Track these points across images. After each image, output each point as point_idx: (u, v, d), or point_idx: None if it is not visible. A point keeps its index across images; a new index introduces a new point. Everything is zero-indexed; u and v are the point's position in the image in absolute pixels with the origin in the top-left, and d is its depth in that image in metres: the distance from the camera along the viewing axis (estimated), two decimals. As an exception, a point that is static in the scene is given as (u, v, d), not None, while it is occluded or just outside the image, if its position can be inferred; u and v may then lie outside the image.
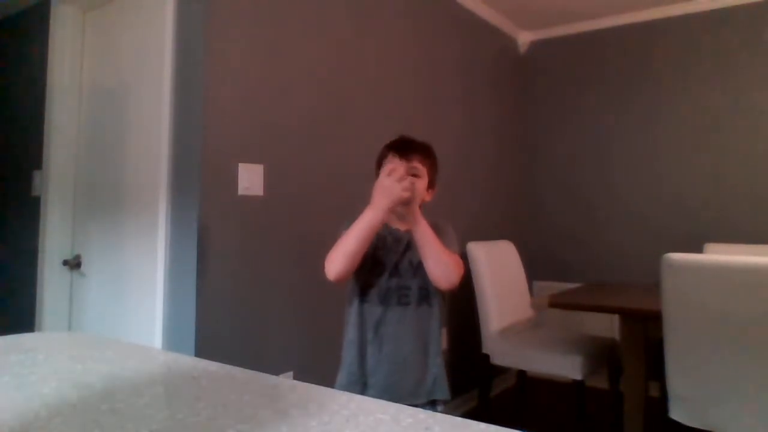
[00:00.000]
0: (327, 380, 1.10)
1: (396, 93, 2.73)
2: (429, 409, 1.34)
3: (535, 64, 3.97)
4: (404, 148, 1.40)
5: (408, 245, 1.39)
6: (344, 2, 2.43)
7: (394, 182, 1.27)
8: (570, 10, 3.56)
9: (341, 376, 1.43)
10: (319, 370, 2.20)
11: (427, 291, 1.38)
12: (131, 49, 2.24)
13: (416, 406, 1.33)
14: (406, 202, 1.29)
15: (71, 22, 2.51)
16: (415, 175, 1.37)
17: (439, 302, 1.42)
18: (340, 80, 2.39)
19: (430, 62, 3.01)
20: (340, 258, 1.31)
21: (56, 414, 0.63)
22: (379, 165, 1.45)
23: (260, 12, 2.05)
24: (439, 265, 1.32)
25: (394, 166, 1.34)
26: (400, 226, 1.43)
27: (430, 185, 1.43)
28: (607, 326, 3.10)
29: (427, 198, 1.42)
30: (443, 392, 1.41)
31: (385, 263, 1.39)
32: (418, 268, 1.36)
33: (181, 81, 1.94)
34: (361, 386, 1.38)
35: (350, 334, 1.43)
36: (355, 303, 1.42)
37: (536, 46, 3.98)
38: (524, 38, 3.97)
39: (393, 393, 1.34)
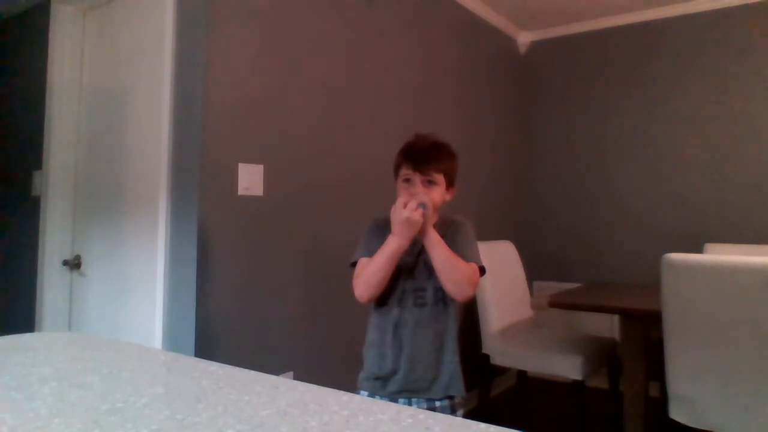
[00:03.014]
0: (327, 380, 1.10)
1: (396, 93, 2.73)
2: (446, 404, 1.40)
3: (535, 64, 3.97)
4: (418, 159, 1.40)
5: (423, 248, 1.41)
6: (344, 3, 2.43)
7: (411, 213, 1.31)
8: (570, 10, 3.55)
9: (362, 375, 1.48)
10: (319, 370, 2.20)
11: (442, 291, 1.40)
12: (131, 50, 2.24)
13: (432, 400, 1.39)
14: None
15: (71, 22, 2.50)
16: (431, 182, 1.40)
17: (455, 301, 1.45)
18: (340, 81, 2.39)
19: (431, 62, 3.01)
20: (372, 287, 1.39)
21: (56, 414, 0.64)
22: (397, 171, 1.47)
23: (260, 12, 2.05)
24: (452, 282, 1.35)
25: (407, 199, 1.34)
26: None
27: (450, 185, 1.46)
28: (607, 326, 3.10)
29: (447, 198, 1.46)
30: (458, 389, 1.44)
31: (400, 266, 1.41)
32: (433, 270, 1.38)
33: (181, 81, 1.94)
34: (382, 383, 1.43)
35: (371, 335, 1.48)
36: (375, 305, 1.47)
37: (536, 46, 3.97)
38: (524, 38, 3.97)
39: (411, 389, 1.40)
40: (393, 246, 1.35)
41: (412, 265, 1.43)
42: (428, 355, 1.41)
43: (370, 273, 1.39)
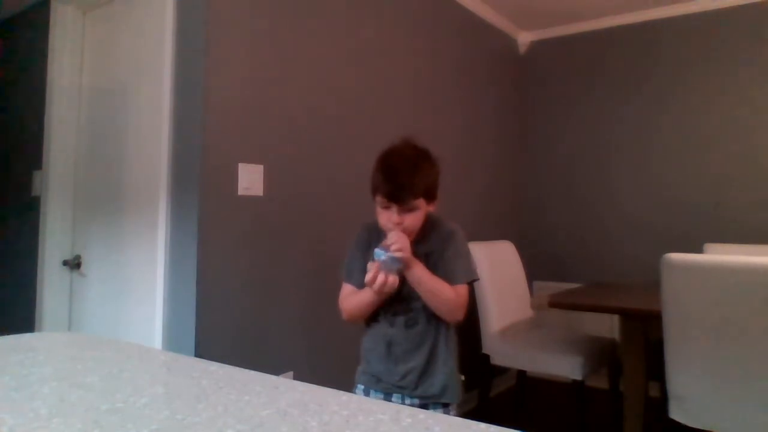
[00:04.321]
0: (327, 380, 1.10)
1: (396, 93, 2.73)
2: (440, 408, 1.40)
3: (535, 64, 3.97)
4: (393, 191, 1.32)
5: None
6: (344, 3, 2.43)
7: (381, 287, 1.29)
8: (570, 10, 3.55)
9: (360, 369, 1.50)
10: (319, 370, 2.20)
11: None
12: (131, 49, 2.24)
13: (427, 399, 1.38)
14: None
15: (71, 22, 2.50)
16: (410, 210, 1.34)
17: None
18: (341, 81, 2.39)
19: (431, 62, 3.01)
20: (358, 316, 1.44)
21: (56, 414, 0.64)
22: (374, 193, 1.38)
23: (260, 12, 2.05)
24: (440, 311, 1.36)
25: (375, 266, 1.29)
26: None
27: (432, 197, 1.40)
28: (607, 326, 3.10)
29: (431, 209, 1.42)
30: (453, 396, 1.43)
31: None
32: None
33: (181, 81, 1.94)
34: (377, 379, 1.44)
35: (366, 342, 1.49)
36: (367, 321, 1.47)
37: (536, 46, 3.97)
38: (524, 38, 3.97)
39: (405, 392, 1.41)
40: (373, 298, 1.36)
41: (402, 286, 1.37)
42: (422, 367, 1.40)
43: (354, 306, 1.42)
